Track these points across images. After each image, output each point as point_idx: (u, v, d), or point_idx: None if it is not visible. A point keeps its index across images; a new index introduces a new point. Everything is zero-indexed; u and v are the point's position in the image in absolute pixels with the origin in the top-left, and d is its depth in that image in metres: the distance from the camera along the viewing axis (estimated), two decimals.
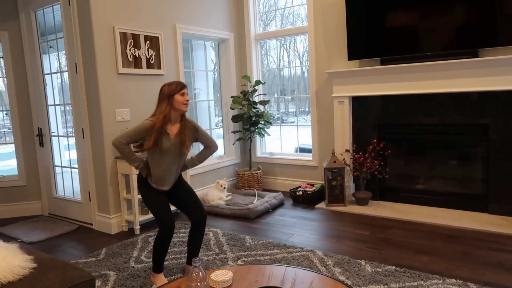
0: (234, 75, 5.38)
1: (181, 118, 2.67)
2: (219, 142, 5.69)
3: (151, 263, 3.07)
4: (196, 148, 3.97)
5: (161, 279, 2.71)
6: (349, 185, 4.54)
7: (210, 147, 2.83)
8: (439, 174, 4.21)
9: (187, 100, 2.60)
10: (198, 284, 1.54)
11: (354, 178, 4.55)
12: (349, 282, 2.63)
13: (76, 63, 3.87)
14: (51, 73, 4.46)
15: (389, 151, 4.34)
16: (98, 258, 3.24)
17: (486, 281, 2.60)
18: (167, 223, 2.60)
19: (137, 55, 4.03)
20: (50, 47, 4.51)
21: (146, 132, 2.56)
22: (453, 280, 2.60)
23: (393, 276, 2.69)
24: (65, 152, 4.71)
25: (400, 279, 2.65)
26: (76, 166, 4.17)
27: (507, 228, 3.46)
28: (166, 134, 2.59)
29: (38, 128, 4.51)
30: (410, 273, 2.72)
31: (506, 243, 3.19)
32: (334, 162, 4.32)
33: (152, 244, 3.48)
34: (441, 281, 2.60)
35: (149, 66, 4.15)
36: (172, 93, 2.56)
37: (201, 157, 2.86)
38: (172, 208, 3.93)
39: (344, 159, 4.47)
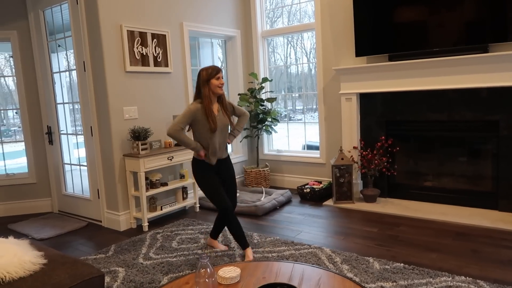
0: (241, 73, 5.38)
1: (218, 99, 3.00)
2: None
3: (160, 259, 3.10)
4: None
5: (215, 243, 3.27)
6: (357, 182, 4.52)
7: (244, 115, 3.21)
8: (448, 171, 4.18)
9: (222, 84, 2.92)
10: (206, 280, 1.55)
11: (362, 175, 4.53)
12: (357, 279, 2.63)
13: (84, 62, 3.90)
14: (59, 72, 4.49)
15: (397, 148, 4.31)
16: (107, 255, 3.26)
17: (496, 278, 2.58)
18: (224, 205, 2.94)
19: (144, 53, 4.04)
20: (59, 45, 4.55)
21: (194, 115, 2.88)
22: (463, 277, 2.58)
23: (402, 274, 2.67)
24: (74, 150, 4.75)
25: (409, 276, 2.63)
26: (85, 163, 4.21)
27: None
28: (212, 112, 2.92)
29: (47, 126, 4.55)
30: (418, 271, 2.70)
31: None
32: (342, 159, 4.31)
33: (161, 241, 3.50)
34: (450, 278, 2.58)
35: (156, 64, 4.17)
36: (209, 78, 2.88)
37: (240, 124, 3.22)
38: None
39: (352, 156, 4.45)
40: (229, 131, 3.15)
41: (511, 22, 3.49)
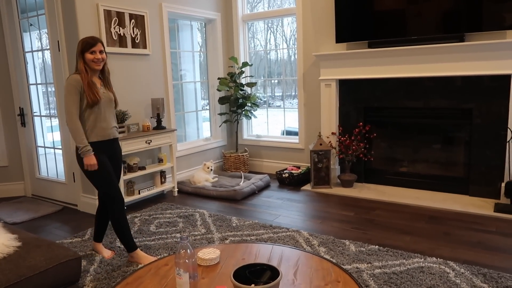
0: (221, 57, 5.32)
1: (101, 74, 2.68)
2: (206, 125, 5.66)
3: (138, 243, 3.07)
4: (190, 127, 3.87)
5: (100, 247, 2.90)
6: (335, 168, 4.59)
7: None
8: (423, 157, 4.29)
9: (97, 59, 2.55)
10: (186, 261, 1.55)
11: (339, 161, 4.60)
12: (333, 261, 2.68)
13: (58, 41, 3.76)
14: (32, 51, 4.33)
15: (375, 134, 4.38)
16: (83, 239, 3.22)
17: (466, 259, 2.69)
18: (121, 196, 2.68)
19: (121, 34, 3.94)
20: (31, 24, 4.37)
21: (79, 87, 2.51)
22: (434, 258, 2.68)
23: (376, 255, 2.75)
24: (48, 134, 4.62)
25: (383, 258, 2.71)
26: (60, 147, 4.10)
27: (486, 209, 3.56)
28: (94, 85, 2.58)
29: (19, 107, 4.40)
30: (393, 252, 2.78)
31: (485, 224, 3.29)
32: (320, 144, 4.35)
33: (139, 225, 3.47)
34: (423, 259, 2.67)
35: (134, 45, 4.07)
36: (83, 50, 2.54)
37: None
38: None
39: (330, 141, 4.50)
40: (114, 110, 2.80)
41: (487, 12, 3.57)
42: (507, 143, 3.62)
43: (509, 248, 2.84)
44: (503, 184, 3.64)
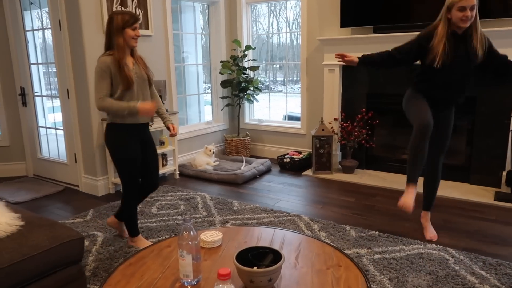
0: (224, 39, 5.26)
1: (131, 52, 2.57)
2: (208, 108, 5.64)
3: (139, 224, 3.09)
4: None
5: (143, 240, 2.77)
6: (336, 153, 4.59)
7: (155, 93, 2.77)
8: None
9: (138, 36, 2.48)
10: (189, 243, 1.55)
11: (341, 147, 4.59)
12: (335, 245, 2.70)
13: (60, 20, 3.71)
14: (33, 30, 4.28)
15: (377, 121, 4.36)
16: (85, 219, 3.24)
17: (464, 247, 2.70)
18: (137, 194, 2.68)
19: None
20: (31, 3, 4.31)
21: (109, 70, 2.41)
22: (433, 245, 2.70)
23: (376, 241, 2.77)
24: (49, 115, 4.60)
25: (383, 243, 2.73)
26: (61, 127, 4.09)
27: (486, 198, 3.57)
28: (126, 66, 2.47)
29: (20, 87, 4.37)
30: (392, 238, 2.80)
31: (485, 212, 3.30)
32: (322, 130, 4.34)
33: (140, 206, 3.48)
34: (422, 246, 2.69)
35: None
36: (125, 25, 2.41)
37: (161, 107, 2.77)
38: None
39: (332, 127, 4.49)
40: (149, 89, 2.66)
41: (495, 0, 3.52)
42: (510, 132, 3.60)
43: (508, 236, 2.86)
44: (504, 173, 3.64)
